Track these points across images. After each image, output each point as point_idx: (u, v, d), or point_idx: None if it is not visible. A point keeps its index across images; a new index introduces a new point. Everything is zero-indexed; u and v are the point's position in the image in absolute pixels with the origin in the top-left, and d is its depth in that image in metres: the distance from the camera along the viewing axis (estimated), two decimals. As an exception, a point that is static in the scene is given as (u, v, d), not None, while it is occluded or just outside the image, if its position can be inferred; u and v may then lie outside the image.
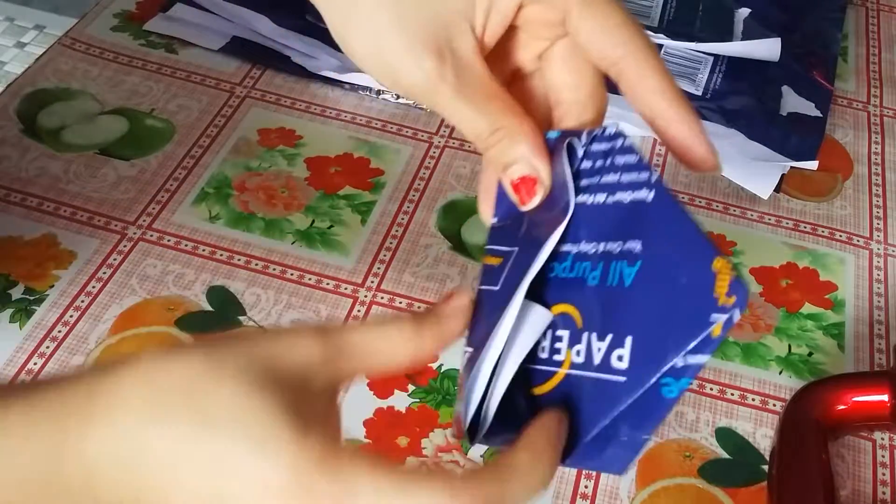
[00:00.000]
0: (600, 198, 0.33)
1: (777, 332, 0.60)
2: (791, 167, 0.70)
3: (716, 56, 0.78)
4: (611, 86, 0.36)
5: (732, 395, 0.57)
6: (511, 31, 0.36)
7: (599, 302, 0.32)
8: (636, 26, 0.34)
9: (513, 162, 0.34)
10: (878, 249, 0.66)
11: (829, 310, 0.62)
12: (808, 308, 0.62)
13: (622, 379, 0.31)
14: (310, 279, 0.61)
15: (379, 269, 0.62)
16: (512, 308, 0.32)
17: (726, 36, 0.79)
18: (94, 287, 0.60)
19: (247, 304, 0.59)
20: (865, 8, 0.88)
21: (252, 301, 0.60)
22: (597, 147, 0.33)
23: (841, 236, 0.67)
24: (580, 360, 0.32)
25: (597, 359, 0.32)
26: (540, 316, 0.34)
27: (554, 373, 0.33)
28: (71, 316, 0.58)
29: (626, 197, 0.32)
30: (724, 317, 0.28)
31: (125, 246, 0.62)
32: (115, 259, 0.61)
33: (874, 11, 0.88)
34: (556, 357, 0.33)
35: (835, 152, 0.73)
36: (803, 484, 0.50)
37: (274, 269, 0.62)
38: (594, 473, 0.53)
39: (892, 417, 0.51)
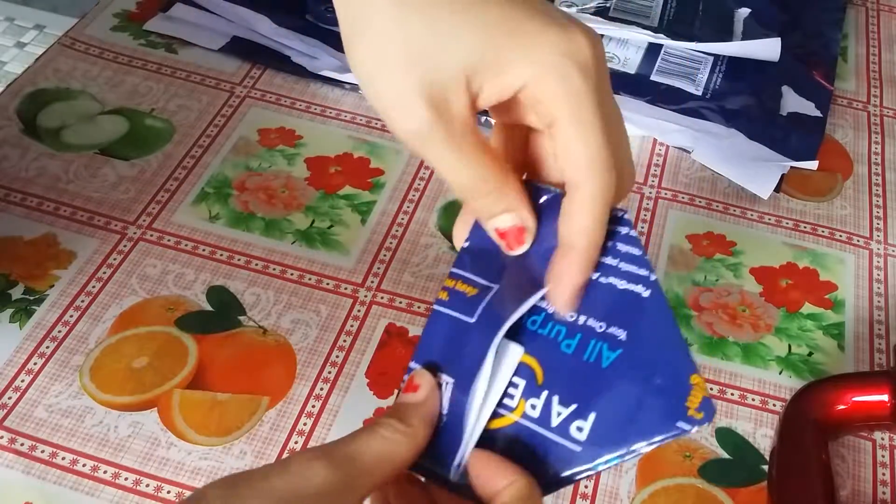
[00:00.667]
0: (592, 274, 0.35)
1: (777, 332, 0.60)
2: (791, 167, 0.70)
3: (716, 56, 0.78)
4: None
5: (732, 395, 0.57)
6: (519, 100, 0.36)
7: (568, 370, 0.34)
8: (604, 161, 0.33)
9: (501, 213, 0.35)
10: (878, 249, 0.66)
11: (829, 310, 0.62)
12: (808, 308, 0.62)
13: (578, 448, 0.33)
14: (310, 279, 0.61)
15: (379, 269, 0.62)
16: (490, 353, 0.34)
17: (726, 36, 0.79)
18: (94, 287, 0.60)
19: (247, 304, 0.59)
20: (865, 8, 0.88)
21: (252, 301, 0.60)
22: None
23: (841, 236, 0.67)
24: (535, 414, 0.34)
25: (554, 421, 0.34)
26: (516, 355, 0.35)
27: (503, 415, 0.35)
28: (71, 316, 0.58)
29: (620, 284, 0.34)
30: (691, 427, 0.31)
31: (125, 246, 0.62)
32: (115, 259, 0.61)
33: (874, 11, 0.88)
34: (508, 401, 0.35)
35: (835, 152, 0.73)
36: (803, 484, 0.50)
37: (274, 269, 0.62)
38: (594, 473, 0.53)
39: (892, 417, 0.51)
